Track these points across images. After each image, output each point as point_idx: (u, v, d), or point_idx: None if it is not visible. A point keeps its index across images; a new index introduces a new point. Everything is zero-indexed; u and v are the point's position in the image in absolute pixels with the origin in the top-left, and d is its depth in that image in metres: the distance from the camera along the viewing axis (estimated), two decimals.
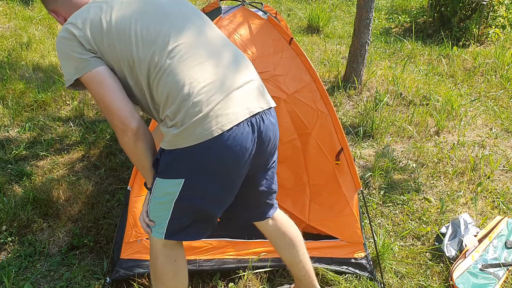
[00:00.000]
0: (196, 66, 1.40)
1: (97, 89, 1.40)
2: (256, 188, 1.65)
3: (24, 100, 3.78)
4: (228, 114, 1.38)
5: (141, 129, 1.43)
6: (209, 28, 1.53)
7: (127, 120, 1.39)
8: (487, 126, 3.91)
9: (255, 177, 1.61)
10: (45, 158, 3.13)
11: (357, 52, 4.15)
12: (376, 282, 2.23)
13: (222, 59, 1.46)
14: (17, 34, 5.23)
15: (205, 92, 1.37)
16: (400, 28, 6.54)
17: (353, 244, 2.32)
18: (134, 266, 2.13)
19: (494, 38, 5.75)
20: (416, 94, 4.24)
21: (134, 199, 2.18)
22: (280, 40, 2.41)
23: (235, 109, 1.40)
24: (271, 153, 1.58)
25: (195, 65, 1.40)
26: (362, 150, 3.47)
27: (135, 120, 1.40)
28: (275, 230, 1.80)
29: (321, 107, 2.34)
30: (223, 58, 1.46)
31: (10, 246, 2.38)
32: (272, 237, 1.84)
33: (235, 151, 1.40)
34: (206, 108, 1.36)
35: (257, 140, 1.46)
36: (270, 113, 1.52)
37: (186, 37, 1.43)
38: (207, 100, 1.37)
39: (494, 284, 2.25)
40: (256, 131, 1.44)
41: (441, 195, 3.00)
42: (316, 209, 2.42)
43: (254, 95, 1.48)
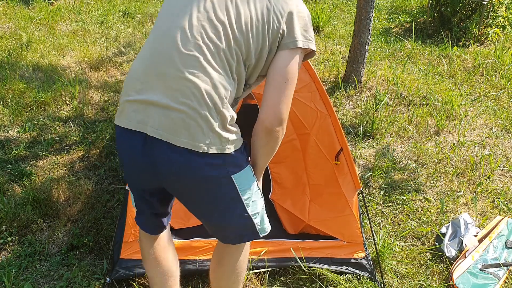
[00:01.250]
0: (140, 58, 1.44)
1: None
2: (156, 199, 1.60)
3: (24, 100, 3.78)
4: (129, 116, 1.39)
5: None
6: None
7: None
8: (487, 126, 3.90)
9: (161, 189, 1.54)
10: (45, 158, 3.13)
11: (357, 52, 4.14)
12: (376, 282, 2.23)
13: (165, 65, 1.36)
14: (17, 34, 5.23)
15: (135, 86, 1.39)
16: (400, 28, 6.54)
17: (353, 244, 2.32)
18: (134, 266, 2.13)
19: (494, 38, 5.75)
20: (416, 94, 4.24)
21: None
22: None
23: (134, 117, 1.37)
24: (169, 184, 1.45)
25: (141, 56, 1.44)
26: (362, 150, 3.47)
27: None
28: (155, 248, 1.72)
29: (320, 107, 2.34)
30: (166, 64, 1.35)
31: (10, 246, 2.38)
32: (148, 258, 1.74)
33: (123, 148, 1.45)
34: (125, 98, 1.42)
35: (147, 160, 1.39)
36: (174, 149, 1.33)
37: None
38: (130, 91, 1.40)
39: (494, 284, 2.25)
40: (147, 152, 1.38)
41: (441, 195, 2.99)
42: (316, 209, 2.42)
43: (164, 121, 1.33)
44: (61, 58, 4.79)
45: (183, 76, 1.32)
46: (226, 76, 1.37)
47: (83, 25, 5.76)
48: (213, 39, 1.35)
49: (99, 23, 5.91)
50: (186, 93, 1.31)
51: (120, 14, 6.30)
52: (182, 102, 1.31)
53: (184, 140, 1.31)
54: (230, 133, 1.38)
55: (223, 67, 1.36)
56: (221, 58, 1.36)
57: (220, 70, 1.35)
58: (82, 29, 5.67)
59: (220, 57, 1.35)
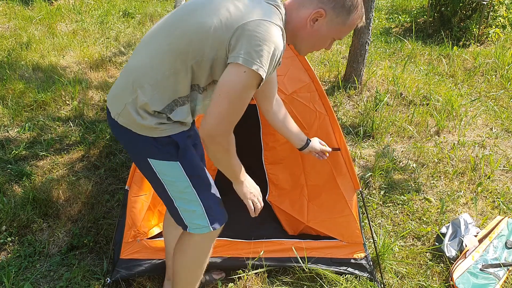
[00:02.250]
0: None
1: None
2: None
3: (24, 100, 3.78)
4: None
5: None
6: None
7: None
8: (487, 126, 3.90)
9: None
10: (45, 158, 3.13)
11: (357, 52, 4.14)
12: (376, 283, 2.22)
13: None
14: (17, 34, 5.23)
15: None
16: (400, 28, 6.53)
17: (353, 244, 2.32)
18: (134, 266, 2.13)
19: (494, 38, 5.75)
20: (416, 94, 4.24)
21: (133, 199, 2.18)
22: None
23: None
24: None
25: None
26: (362, 150, 3.46)
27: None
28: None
29: (319, 107, 2.33)
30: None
31: (10, 246, 2.38)
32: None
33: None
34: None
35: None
36: (109, 117, 1.62)
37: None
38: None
39: (494, 284, 2.25)
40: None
41: (441, 195, 2.99)
42: (314, 210, 2.41)
43: (112, 93, 1.62)
44: (61, 58, 4.79)
45: (132, 56, 1.60)
46: (161, 65, 1.48)
47: (83, 25, 5.76)
48: (162, 34, 1.52)
49: (99, 23, 5.91)
50: (126, 70, 1.58)
51: (120, 14, 6.30)
52: (121, 76, 1.59)
53: (111, 103, 1.60)
54: (140, 116, 1.52)
55: (161, 57, 1.48)
56: (161, 49, 1.49)
57: (157, 59, 1.49)
58: (82, 29, 5.67)
59: (160, 48, 1.50)
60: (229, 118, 1.42)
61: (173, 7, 5.66)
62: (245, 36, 1.37)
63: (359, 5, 1.52)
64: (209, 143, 1.45)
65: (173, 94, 1.50)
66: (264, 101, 1.90)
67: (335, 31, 1.55)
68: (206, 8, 1.47)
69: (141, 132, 1.53)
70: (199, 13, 1.46)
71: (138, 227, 2.18)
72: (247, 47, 1.36)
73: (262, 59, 1.36)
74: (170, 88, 1.49)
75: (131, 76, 1.53)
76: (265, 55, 1.36)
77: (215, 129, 1.42)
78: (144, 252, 2.16)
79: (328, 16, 1.50)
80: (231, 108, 1.41)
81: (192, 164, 1.62)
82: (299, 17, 1.51)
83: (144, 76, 1.49)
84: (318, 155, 2.12)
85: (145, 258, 2.16)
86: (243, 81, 1.38)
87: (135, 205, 2.18)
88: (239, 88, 1.39)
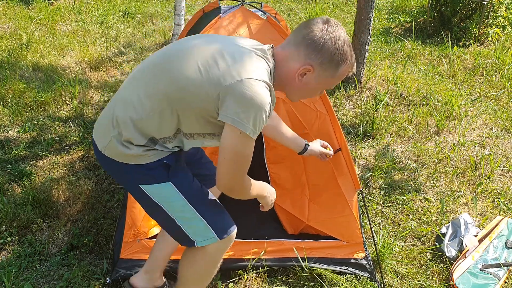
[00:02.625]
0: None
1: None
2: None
3: (23, 100, 3.78)
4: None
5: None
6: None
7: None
8: (487, 126, 3.90)
9: None
10: (45, 158, 3.13)
11: (357, 52, 4.14)
12: (376, 283, 2.22)
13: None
14: (17, 34, 5.23)
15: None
16: (400, 28, 6.53)
17: (353, 244, 2.32)
18: (133, 266, 2.13)
19: (494, 38, 5.75)
20: (416, 94, 4.24)
21: (133, 199, 2.18)
22: (279, 40, 2.40)
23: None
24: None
25: None
26: (362, 150, 3.46)
27: None
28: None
29: (320, 107, 2.34)
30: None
31: (10, 246, 2.38)
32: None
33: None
34: None
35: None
36: (96, 150, 1.64)
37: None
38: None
39: (494, 284, 2.25)
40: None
41: (441, 195, 2.99)
42: (315, 209, 2.41)
43: (97, 126, 1.64)
44: (61, 58, 4.79)
45: (121, 89, 1.62)
46: (147, 104, 1.49)
47: (83, 25, 5.76)
48: (151, 74, 1.53)
49: (99, 23, 5.91)
50: (113, 102, 1.59)
51: (120, 14, 6.30)
52: (108, 107, 1.61)
53: (99, 139, 1.61)
54: (126, 147, 1.53)
55: (148, 97, 1.49)
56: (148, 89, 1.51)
57: (144, 98, 1.49)
58: (82, 29, 5.67)
59: (148, 88, 1.51)
60: (239, 173, 1.49)
61: (173, 7, 5.66)
62: (233, 96, 1.39)
63: (348, 57, 1.51)
64: (229, 194, 1.55)
65: (156, 133, 1.52)
66: (269, 130, 1.99)
67: (324, 84, 1.56)
68: (195, 56, 1.47)
69: (129, 162, 1.54)
70: (188, 61, 1.46)
71: (138, 227, 2.18)
72: (236, 108, 1.38)
73: (251, 121, 1.39)
74: (153, 127, 1.50)
75: (117, 110, 1.53)
76: (254, 117, 1.39)
77: (231, 184, 1.51)
78: (144, 252, 2.16)
79: (316, 71, 1.50)
80: (238, 165, 1.48)
81: (185, 182, 1.62)
82: (288, 70, 1.52)
83: (129, 112, 1.50)
84: (320, 157, 2.13)
85: (145, 258, 2.15)
86: (240, 142, 1.43)
87: (135, 205, 2.18)
88: (239, 149, 1.45)
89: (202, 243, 1.65)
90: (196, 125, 1.51)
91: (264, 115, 1.42)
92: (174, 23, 5.21)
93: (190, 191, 1.62)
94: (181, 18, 5.12)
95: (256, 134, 1.43)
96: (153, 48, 5.21)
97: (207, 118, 1.47)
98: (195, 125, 1.51)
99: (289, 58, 1.51)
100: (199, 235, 1.64)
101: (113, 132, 1.53)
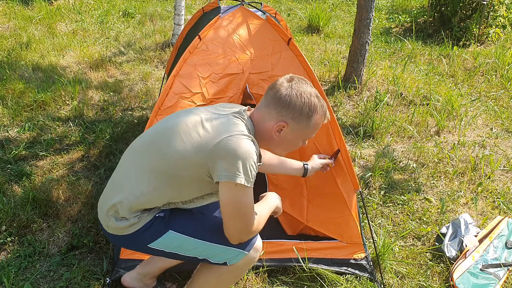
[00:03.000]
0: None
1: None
2: None
3: (23, 100, 3.78)
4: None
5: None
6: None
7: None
8: (487, 126, 3.90)
9: None
10: (44, 158, 3.12)
11: (357, 52, 4.14)
12: (376, 283, 2.22)
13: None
14: (17, 34, 5.23)
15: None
16: (401, 28, 6.53)
17: (353, 245, 2.32)
18: (133, 266, 2.12)
19: (494, 38, 5.75)
20: (416, 94, 4.24)
21: None
22: (279, 40, 2.40)
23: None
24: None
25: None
26: (362, 150, 3.46)
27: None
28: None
29: None
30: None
31: (10, 246, 2.38)
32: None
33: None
34: None
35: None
36: (101, 227, 1.74)
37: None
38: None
39: (495, 284, 2.25)
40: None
41: (441, 195, 2.99)
42: (314, 210, 2.41)
43: (100, 206, 1.73)
44: (61, 58, 4.79)
45: (117, 169, 1.74)
46: (141, 183, 1.60)
47: (83, 25, 5.76)
48: (142, 154, 1.65)
49: (99, 23, 5.91)
50: (111, 183, 1.72)
51: (120, 14, 6.30)
52: (107, 188, 1.74)
53: (100, 217, 1.72)
54: (122, 222, 1.63)
55: (141, 176, 1.61)
56: (141, 168, 1.62)
57: (137, 178, 1.61)
58: (82, 29, 5.67)
59: (141, 167, 1.63)
60: (246, 222, 1.56)
61: (173, 7, 5.66)
62: (219, 156, 1.49)
63: (317, 107, 1.61)
64: (244, 241, 1.63)
65: (147, 205, 1.63)
66: (265, 168, 2.05)
67: (301, 135, 1.66)
68: (179, 131, 1.58)
69: (130, 232, 1.64)
70: (175, 136, 1.58)
71: None
72: (225, 165, 1.48)
73: (241, 171, 1.47)
74: (150, 203, 1.62)
75: (113, 193, 1.65)
76: (243, 166, 1.47)
77: (241, 236, 1.59)
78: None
79: (291, 125, 1.61)
80: (243, 216, 1.54)
81: (185, 222, 1.68)
82: (265, 129, 1.63)
83: (125, 194, 1.61)
84: (322, 169, 2.22)
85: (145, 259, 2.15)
86: (238, 194, 1.50)
87: None
88: (239, 201, 1.51)
89: (233, 261, 1.69)
90: (195, 190, 1.61)
91: (252, 162, 1.50)
92: (174, 23, 5.21)
93: (193, 228, 1.68)
94: (181, 18, 5.12)
95: (250, 181, 1.50)
96: (153, 48, 5.21)
97: (202, 180, 1.57)
98: (194, 191, 1.61)
99: (264, 118, 1.63)
100: (225, 258, 1.69)
101: (111, 211, 1.65)
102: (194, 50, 2.33)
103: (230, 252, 1.67)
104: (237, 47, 2.37)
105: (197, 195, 1.63)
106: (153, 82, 4.44)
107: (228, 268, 1.71)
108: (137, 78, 4.48)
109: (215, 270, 1.74)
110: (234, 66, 2.31)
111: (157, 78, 4.52)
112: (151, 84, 4.38)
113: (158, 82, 4.40)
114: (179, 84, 2.22)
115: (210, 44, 2.36)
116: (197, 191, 1.62)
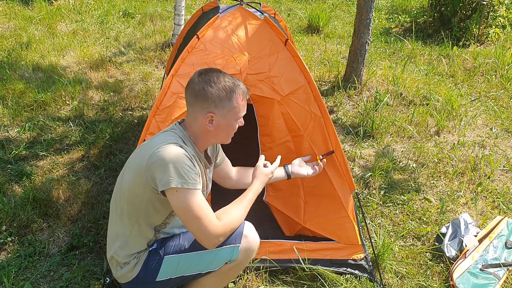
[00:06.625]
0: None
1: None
2: None
3: (24, 100, 3.78)
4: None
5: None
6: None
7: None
8: (487, 126, 3.90)
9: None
10: (45, 158, 3.13)
11: (357, 52, 4.14)
12: (375, 283, 2.22)
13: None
14: (17, 34, 5.23)
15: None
16: (400, 28, 6.54)
17: (351, 245, 2.31)
18: None
19: (494, 38, 5.75)
20: (416, 94, 4.24)
21: None
22: (276, 41, 2.39)
23: None
24: None
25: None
26: (362, 150, 3.46)
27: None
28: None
29: (314, 109, 2.31)
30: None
31: (10, 246, 2.38)
32: None
33: None
34: None
35: None
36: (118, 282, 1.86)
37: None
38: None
39: (494, 284, 2.25)
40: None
41: (441, 195, 2.99)
42: (311, 211, 2.40)
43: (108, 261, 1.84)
44: (61, 58, 4.79)
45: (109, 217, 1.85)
46: (123, 228, 1.73)
47: (83, 25, 5.76)
48: (116, 202, 1.79)
49: (99, 23, 5.91)
50: (108, 234, 1.86)
51: (120, 14, 6.30)
52: (107, 238, 1.86)
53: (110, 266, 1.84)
54: (124, 268, 1.75)
55: (120, 221, 1.74)
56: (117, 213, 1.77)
57: (119, 222, 1.74)
58: (82, 29, 5.67)
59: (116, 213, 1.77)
60: (205, 224, 1.57)
61: (173, 7, 5.66)
62: (153, 168, 1.57)
63: (232, 87, 1.69)
64: (224, 238, 1.64)
65: (138, 244, 1.74)
66: (226, 180, 2.12)
67: (232, 116, 1.73)
68: (126, 168, 1.73)
69: (135, 273, 1.74)
70: (123, 176, 1.72)
71: None
72: (158, 175, 1.56)
73: (175, 175, 1.54)
74: (138, 242, 1.73)
75: (110, 239, 1.80)
76: (175, 170, 1.54)
77: (211, 239, 1.59)
78: None
79: (218, 113, 1.69)
80: (198, 219, 1.56)
81: (175, 244, 1.76)
82: (199, 126, 1.72)
83: (117, 243, 1.74)
84: (313, 170, 2.22)
85: None
86: (184, 198, 1.56)
87: None
88: (186, 204, 1.56)
89: (233, 257, 1.74)
90: (160, 210, 1.69)
91: (185, 164, 1.57)
92: (174, 23, 5.21)
93: (182, 245, 1.76)
94: (181, 18, 5.12)
95: (190, 183, 1.55)
96: (153, 48, 5.21)
97: (156, 199, 1.64)
98: (160, 212, 1.70)
99: (194, 117, 1.72)
100: (223, 259, 1.74)
101: (113, 262, 1.78)
102: (193, 50, 2.33)
103: (223, 252, 1.70)
104: (235, 48, 2.36)
105: (165, 214, 1.71)
106: (153, 82, 4.44)
107: (229, 264, 1.76)
108: (137, 78, 4.49)
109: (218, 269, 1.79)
110: (232, 66, 2.30)
111: (157, 78, 4.52)
112: (151, 84, 4.39)
113: (158, 82, 4.41)
114: (177, 83, 2.22)
115: (208, 44, 2.35)
116: (162, 210, 1.69)
